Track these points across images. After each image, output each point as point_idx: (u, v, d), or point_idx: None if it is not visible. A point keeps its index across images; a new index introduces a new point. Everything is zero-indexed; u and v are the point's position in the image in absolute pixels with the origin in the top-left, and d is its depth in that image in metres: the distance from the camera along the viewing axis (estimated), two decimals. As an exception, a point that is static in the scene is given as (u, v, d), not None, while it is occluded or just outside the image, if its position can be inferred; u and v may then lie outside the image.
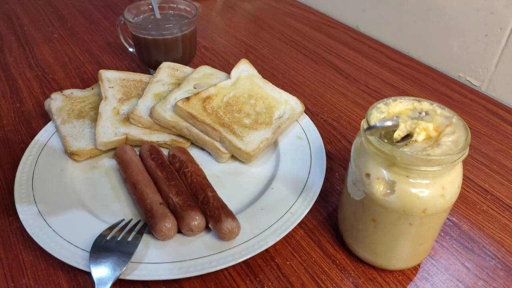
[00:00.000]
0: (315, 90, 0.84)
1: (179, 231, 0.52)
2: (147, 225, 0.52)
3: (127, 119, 0.67)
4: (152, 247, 0.50)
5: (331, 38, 1.03)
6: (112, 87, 0.73)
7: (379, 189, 0.43)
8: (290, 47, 0.99)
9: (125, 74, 0.77)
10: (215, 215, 0.51)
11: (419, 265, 0.52)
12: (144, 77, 0.77)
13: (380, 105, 0.47)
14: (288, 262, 0.52)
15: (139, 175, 0.57)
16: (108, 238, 0.50)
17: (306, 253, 0.53)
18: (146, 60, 0.84)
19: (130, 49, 0.88)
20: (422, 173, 0.41)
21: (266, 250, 0.52)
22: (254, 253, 0.50)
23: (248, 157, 0.63)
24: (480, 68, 0.85)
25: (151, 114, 0.66)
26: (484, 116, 0.77)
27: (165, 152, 0.65)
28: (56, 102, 0.71)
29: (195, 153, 0.66)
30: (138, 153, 0.63)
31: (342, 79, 0.88)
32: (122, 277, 0.47)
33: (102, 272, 0.46)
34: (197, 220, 0.51)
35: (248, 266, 0.51)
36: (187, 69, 0.79)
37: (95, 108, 0.70)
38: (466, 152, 0.42)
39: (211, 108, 0.67)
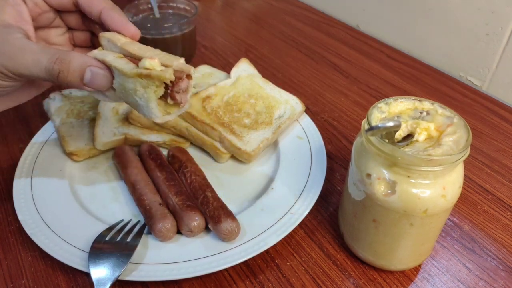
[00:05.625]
0: (315, 89, 0.84)
1: (179, 232, 0.52)
2: (146, 226, 0.52)
3: (126, 119, 0.67)
4: (151, 248, 0.50)
5: (332, 37, 1.02)
6: (112, 86, 0.72)
7: (380, 189, 0.43)
8: (290, 46, 0.99)
9: (124, 73, 0.76)
10: (214, 215, 0.51)
11: (420, 265, 0.52)
12: (143, 76, 0.77)
13: (381, 104, 0.46)
14: (288, 263, 0.52)
15: (138, 175, 0.57)
16: (107, 238, 0.50)
17: (307, 254, 0.53)
18: (145, 59, 0.84)
19: (130, 49, 0.88)
20: (423, 173, 0.41)
21: (266, 251, 0.52)
22: (254, 254, 0.49)
23: (248, 157, 0.62)
24: (481, 68, 0.85)
25: (150, 113, 0.66)
26: (485, 116, 0.77)
27: (164, 152, 0.64)
28: (55, 102, 0.70)
29: (194, 153, 0.65)
30: (137, 153, 0.63)
31: (342, 78, 0.87)
32: (121, 278, 0.46)
33: (101, 272, 0.46)
34: (196, 220, 0.51)
35: (248, 267, 0.51)
36: (186, 69, 0.79)
37: (94, 108, 0.70)
38: (467, 152, 0.41)
39: (211, 108, 0.67)
